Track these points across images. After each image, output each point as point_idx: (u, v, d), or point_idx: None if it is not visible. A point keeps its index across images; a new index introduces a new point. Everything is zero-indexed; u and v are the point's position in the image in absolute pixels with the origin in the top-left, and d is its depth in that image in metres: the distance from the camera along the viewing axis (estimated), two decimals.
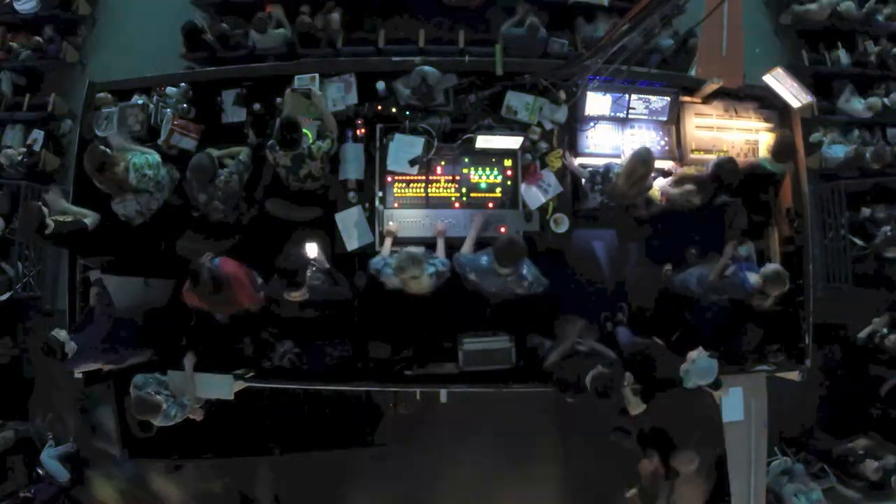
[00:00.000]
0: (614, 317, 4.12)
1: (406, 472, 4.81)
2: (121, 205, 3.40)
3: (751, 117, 4.06)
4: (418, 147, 3.66)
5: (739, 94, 4.03)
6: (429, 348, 3.81)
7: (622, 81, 3.73)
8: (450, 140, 3.77)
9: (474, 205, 3.78)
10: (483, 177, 3.81)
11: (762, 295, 3.34)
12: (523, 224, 3.76)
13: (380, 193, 3.72)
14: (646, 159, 3.29)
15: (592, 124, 3.93)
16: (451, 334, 3.79)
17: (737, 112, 4.04)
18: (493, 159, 3.81)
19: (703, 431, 4.03)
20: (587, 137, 3.93)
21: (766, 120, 4.07)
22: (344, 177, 3.76)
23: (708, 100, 4.02)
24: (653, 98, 3.91)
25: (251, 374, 3.75)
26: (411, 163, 3.62)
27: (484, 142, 3.68)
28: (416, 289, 3.18)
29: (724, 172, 3.52)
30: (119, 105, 3.99)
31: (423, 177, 3.78)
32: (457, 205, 3.78)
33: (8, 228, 5.33)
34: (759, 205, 3.95)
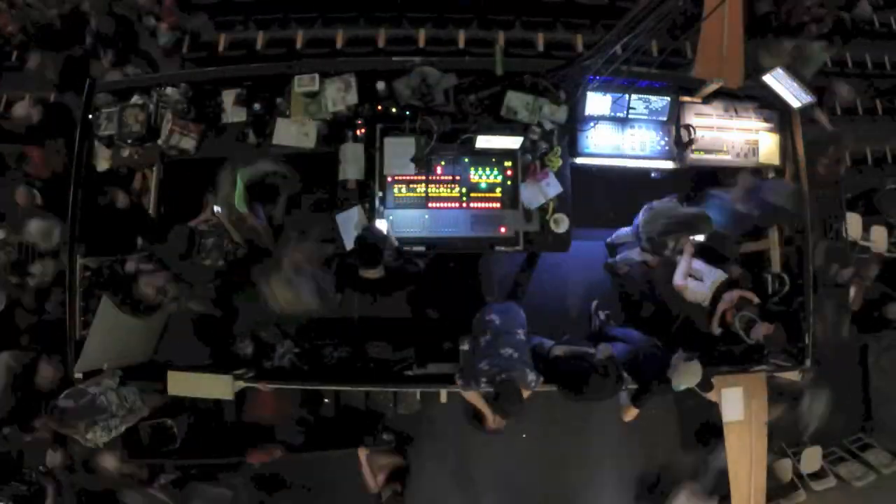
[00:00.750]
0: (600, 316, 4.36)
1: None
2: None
3: (751, 117, 4.06)
4: (410, 147, 3.64)
5: (739, 94, 4.04)
6: (429, 348, 3.81)
7: (622, 81, 3.73)
8: (450, 140, 3.77)
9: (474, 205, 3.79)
10: (483, 177, 3.82)
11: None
12: (523, 224, 3.76)
13: (380, 194, 3.72)
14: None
15: (592, 124, 3.94)
16: (451, 334, 3.78)
17: (737, 112, 4.05)
18: (493, 159, 3.82)
19: None
20: (587, 137, 3.93)
21: (766, 120, 4.07)
22: (344, 177, 3.76)
23: (708, 100, 4.02)
24: (653, 98, 3.92)
25: (251, 374, 3.76)
26: (413, 161, 3.61)
27: (484, 142, 3.68)
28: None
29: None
30: (119, 105, 3.97)
31: (423, 177, 3.78)
32: (457, 205, 3.79)
33: None
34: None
